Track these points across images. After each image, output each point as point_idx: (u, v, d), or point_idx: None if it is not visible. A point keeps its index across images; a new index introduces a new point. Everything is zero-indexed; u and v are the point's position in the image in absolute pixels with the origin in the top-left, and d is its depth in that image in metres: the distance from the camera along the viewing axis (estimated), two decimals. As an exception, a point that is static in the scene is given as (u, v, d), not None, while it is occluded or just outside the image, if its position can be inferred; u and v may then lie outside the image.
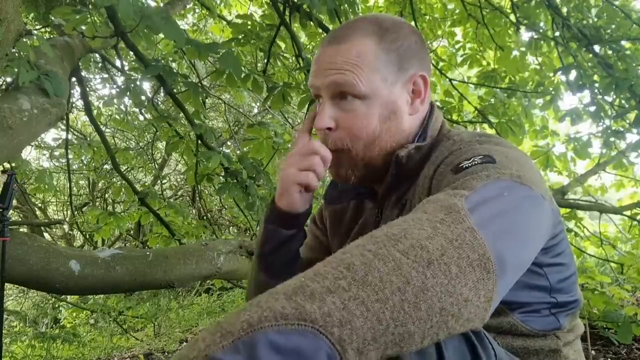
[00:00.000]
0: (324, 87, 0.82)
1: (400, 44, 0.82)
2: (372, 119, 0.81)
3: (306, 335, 0.43)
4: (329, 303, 0.45)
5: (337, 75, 0.79)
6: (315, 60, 0.84)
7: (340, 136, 0.82)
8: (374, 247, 0.52)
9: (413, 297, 0.48)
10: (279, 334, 0.42)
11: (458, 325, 0.53)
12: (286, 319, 0.43)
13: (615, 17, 3.11)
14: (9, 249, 1.60)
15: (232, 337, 0.42)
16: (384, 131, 0.82)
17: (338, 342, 0.44)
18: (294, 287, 0.47)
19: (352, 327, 0.45)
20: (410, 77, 0.83)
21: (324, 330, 0.43)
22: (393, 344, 0.48)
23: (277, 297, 0.46)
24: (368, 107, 0.80)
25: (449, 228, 0.55)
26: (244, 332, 0.42)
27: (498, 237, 0.58)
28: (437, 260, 0.51)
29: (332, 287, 0.46)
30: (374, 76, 0.80)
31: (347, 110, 0.81)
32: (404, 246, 0.52)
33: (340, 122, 0.82)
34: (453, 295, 0.51)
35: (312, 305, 0.44)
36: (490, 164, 0.69)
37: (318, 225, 1.10)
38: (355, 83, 0.79)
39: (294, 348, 0.42)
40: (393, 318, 0.47)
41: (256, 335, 0.42)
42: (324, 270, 0.49)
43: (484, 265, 0.54)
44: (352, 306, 0.45)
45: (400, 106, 0.83)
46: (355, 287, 0.47)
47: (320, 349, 0.43)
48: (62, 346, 4.20)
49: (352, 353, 0.44)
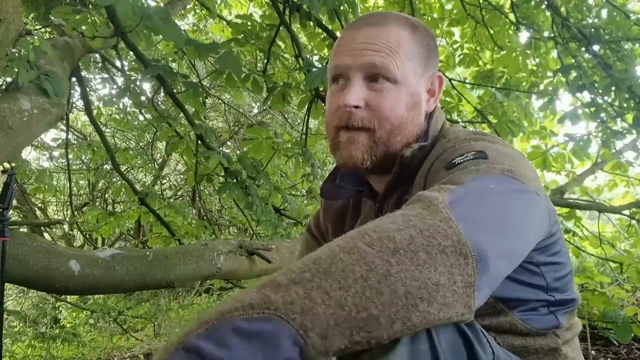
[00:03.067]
0: (358, 66, 0.80)
1: (427, 42, 0.84)
2: (401, 104, 0.81)
3: (270, 321, 0.46)
4: (292, 293, 0.48)
5: (375, 55, 0.79)
6: (344, 42, 0.82)
7: (368, 115, 0.81)
8: (342, 242, 0.54)
9: (375, 283, 0.50)
10: (245, 321, 0.46)
11: (434, 309, 0.52)
12: (252, 308, 0.47)
13: (615, 17, 3.12)
14: (9, 249, 1.60)
15: (205, 326, 0.46)
16: (409, 120, 0.82)
17: (300, 327, 0.47)
18: (265, 282, 0.51)
19: (313, 313, 0.48)
20: (431, 75, 0.86)
21: (286, 317, 0.47)
22: (358, 328, 0.49)
23: (249, 290, 0.50)
24: (398, 92, 0.80)
25: (422, 220, 0.56)
26: (216, 320, 0.47)
27: (477, 225, 0.58)
28: (404, 249, 0.53)
29: (296, 279, 0.50)
30: (408, 64, 0.81)
31: (377, 91, 0.80)
32: (371, 239, 0.54)
33: (370, 102, 0.80)
34: (419, 280, 0.51)
35: (276, 295, 0.48)
36: (482, 160, 0.69)
37: (314, 234, 1.09)
38: (392, 66, 0.79)
39: (258, 332, 0.46)
40: (355, 303, 0.49)
41: (225, 323, 0.46)
42: (294, 266, 0.52)
43: (459, 251, 0.55)
44: (314, 295, 0.48)
45: (422, 99, 0.85)
46: (318, 278, 0.50)
47: (283, 333, 0.46)
48: (62, 346, 4.20)
49: (315, 337, 0.47)
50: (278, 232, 3.08)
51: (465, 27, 3.83)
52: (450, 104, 3.15)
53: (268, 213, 2.69)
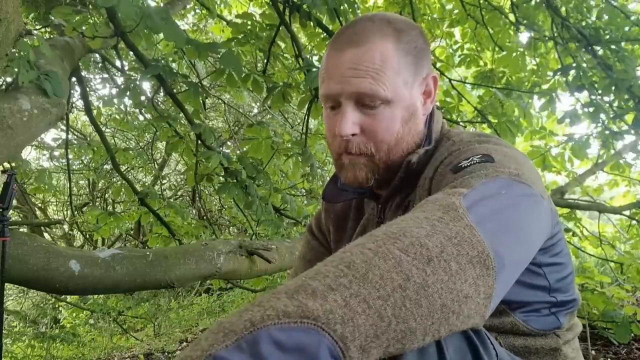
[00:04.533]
0: (347, 94, 0.78)
1: (415, 45, 0.81)
2: (396, 122, 0.80)
3: (309, 332, 0.43)
4: (331, 300, 0.45)
5: (363, 82, 0.77)
6: (331, 66, 0.80)
7: (364, 140, 0.80)
8: (373, 245, 0.52)
9: (414, 294, 0.49)
10: (282, 331, 0.42)
11: (459, 322, 0.53)
12: (289, 316, 0.43)
13: (615, 18, 3.12)
14: (9, 249, 1.60)
15: (235, 336, 0.42)
16: (406, 133, 0.82)
17: (341, 339, 0.44)
18: (295, 287, 0.47)
19: (354, 324, 0.45)
20: (424, 78, 0.83)
21: (327, 327, 0.43)
22: (395, 340, 0.48)
23: (279, 296, 0.46)
24: (392, 111, 0.79)
25: (447, 226, 0.55)
26: (247, 330, 0.42)
27: (496, 235, 0.58)
28: (437, 257, 0.51)
29: (333, 285, 0.46)
30: (397, 80, 0.78)
31: (370, 115, 0.79)
32: (403, 244, 0.52)
33: (364, 127, 0.80)
34: (453, 292, 0.51)
35: (314, 303, 0.44)
36: (489, 163, 0.69)
37: (315, 235, 1.09)
38: (381, 89, 0.77)
39: (296, 345, 0.42)
40: (395, 315, 0.47)
41: (259, 333, 0.42)
42: (325, 269, 0.49)
43: (483, 262, 0.55)
44: (353, 303, 0.46)
45: (417, 107, 0.83)
46: (356, 285, 0.47)
47: (323, 345, 0.43)
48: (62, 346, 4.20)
49: (354, 350, 0.45)
50: (278, 232, 3.08)
51: (466, 27, 3.84)
52: (451, 104, 3.15)
53: (268, 213, 2.69)
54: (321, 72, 0.83)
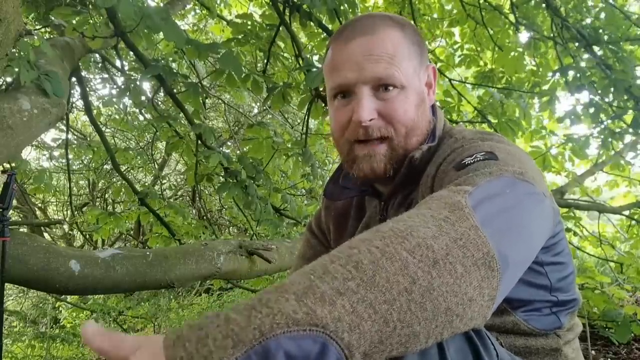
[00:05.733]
0: (363, 80, 0.79)
1: (417, 38, 0.85)
2: (411, 105, 0.82)
3: (318, 340, 0.43)
4: (339, 307, 0.45)
5: (378, 67, 0.78)
6: (341, 57, 0.81)
7: (383, 124, 0.81)
8: (380, 243, 0.52)
9: (419, 297, 0.49)
10: (291, 340, 0.43)
11: (462, 324, 0.53)
12: (298, 324, 0.43)
13: (615, 18, 3.12)
14: (9, 249, 1.60)
15: (244, 347, 0.42)
16: (420, 118, 0.84)
17: (347, 347, 0.44)
18: (304, 287, 0.47)
19: (360, 330, 0.45)
20: (426, 68, 0.86)
21: (335, 336, 0.44)
22: (399, 344, 0.48)
23: (287, 297, 0.46)
24: (406, 95, 0.81)
25: (453, 227, 0.55)
26: (256, 341, 0.42)
27: (501, 235, 0.58)
28: (443, 260, 0.51)
29: (341, 289, 0.46)
30: (408, 66, 0.81)
31: (386, 100, 0.80)
32: (410, 245, 0.52)
33: (382, 112, 0.81)
34: (458, 295, 0.51)
35: (323, 310, 0.45)
36: (492, 161, 0.69)
37: (315, 233, 1.08)
38: (396, 73, 0.79)
39: (305, 355, 0.43)
40: (400, 319, 0.47)
41: (268, 344, 0.42)
42: (333, 268, 0.49)
43: (488, 264, 0.54)
44: (360, 309, 0.46)
45: (425, 95, 0.86)
46: (363, 289, 0.47)
47: (329, 353, 0.43)
48: (62, 346, 4.20)
49: (359, 357, 0.45)
50: (278, 232, 3.08)
51: (465, 27, 3.83)
52: (451, 104, 3.15)
53: (267, 213, 2.69)
54: (327, 66, 0.84)
